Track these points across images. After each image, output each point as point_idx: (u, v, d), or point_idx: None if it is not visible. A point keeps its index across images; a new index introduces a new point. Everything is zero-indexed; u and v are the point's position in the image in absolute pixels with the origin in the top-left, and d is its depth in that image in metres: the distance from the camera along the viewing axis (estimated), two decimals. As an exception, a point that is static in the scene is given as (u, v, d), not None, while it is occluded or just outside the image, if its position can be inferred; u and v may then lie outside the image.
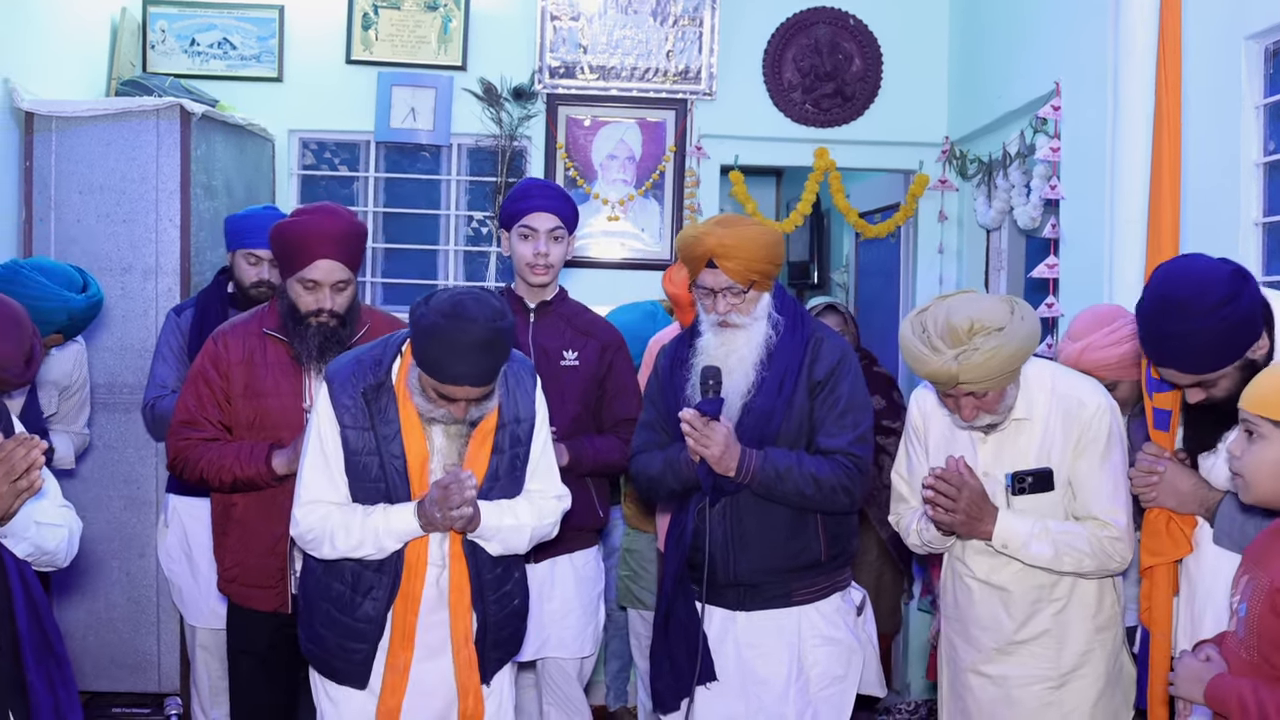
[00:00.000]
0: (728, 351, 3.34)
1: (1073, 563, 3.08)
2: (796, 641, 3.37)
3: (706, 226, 3.34)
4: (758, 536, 3.34)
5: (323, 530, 3.07)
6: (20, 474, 2.48)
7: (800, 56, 6.32)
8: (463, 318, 2.85)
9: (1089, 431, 3.12)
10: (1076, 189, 4.64)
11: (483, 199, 6.43)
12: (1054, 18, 4.94)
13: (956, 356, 2.95)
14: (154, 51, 6.16)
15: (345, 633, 3.13)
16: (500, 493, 3.15)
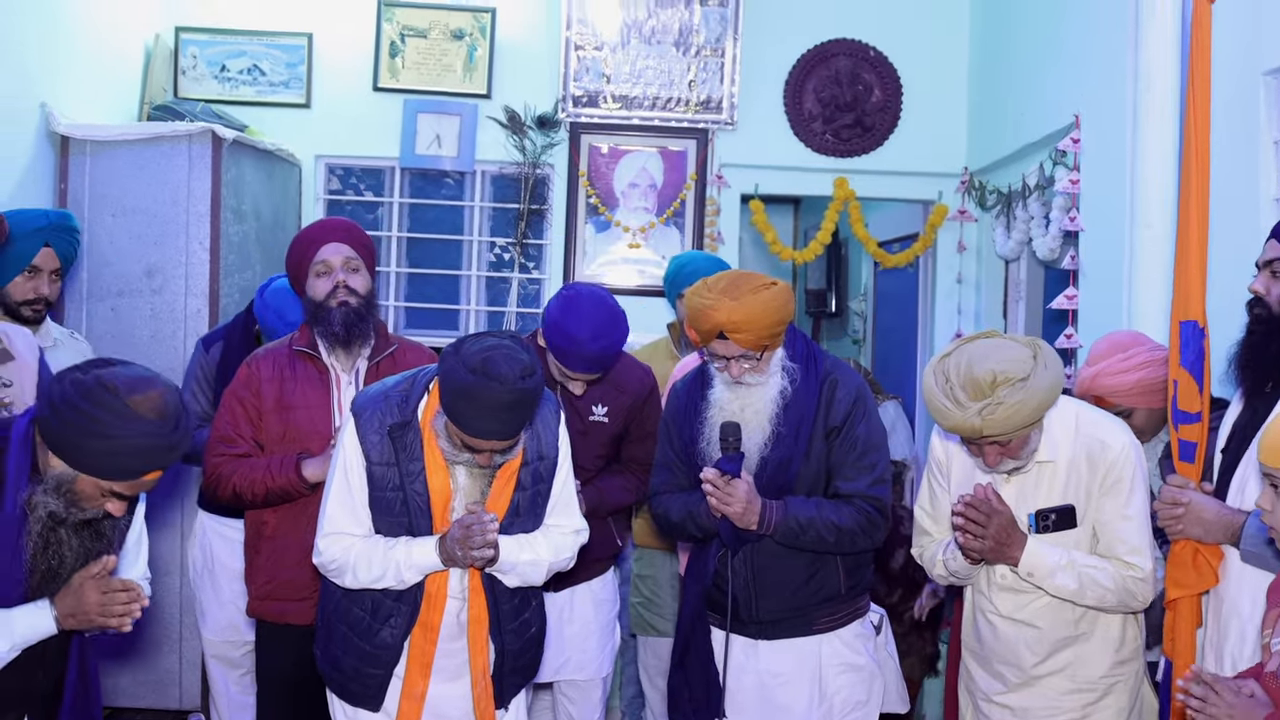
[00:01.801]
0: (743, 406, 3.35)
1: (1095, 597, 3.09)
2: (818, 669, 3.41)
3: (714, 298, 3.26)
4: (778, 579, 3.39)
5: (345, 561, 3.11)
6: (115, 616, 2.65)
7: (821, 87, 6.40)
8: (491, 376, 2.86)
9: (1113, 473, 3.11)
10: (1096, 221, 4.69)
11: (506, 225, 6.50)
12: (1073, 51, 5.00)
13: (980, 411, 2.93)
14: (185, 77, 6.26)
15: (362, 657, 3.18)
16: (520, 528, 3.18)
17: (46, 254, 4.05)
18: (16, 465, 2.59)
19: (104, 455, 2.51)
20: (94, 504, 2.60)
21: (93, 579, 2.66)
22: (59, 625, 2.65)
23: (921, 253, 6.57)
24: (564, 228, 6.40)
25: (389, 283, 6.47)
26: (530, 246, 6.42)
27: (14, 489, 2.57)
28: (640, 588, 4.72)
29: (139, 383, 2.54)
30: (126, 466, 2.55)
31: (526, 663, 3.33)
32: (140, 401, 2.50)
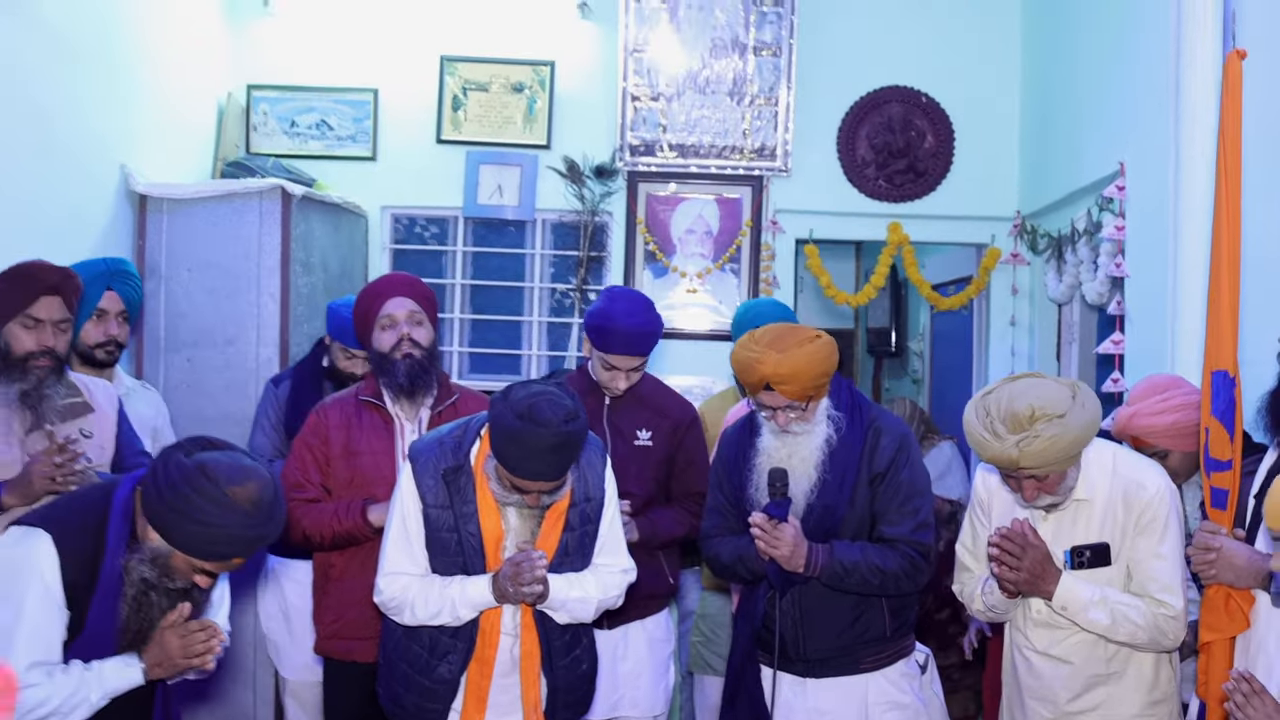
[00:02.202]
0: (790, 453, 3.48)
1: (1127, 634, 3.18)
2: (864, 707, 3.51)
3: (760, 350, 3.39)
4: (824, 620, 3.50)
5: (404, 599, 3.26)
6: (197, 655, 2.82)
7: (873, 134, 6.52)
8: (537, 422, 3.01)
9: (1148, 513, 3.22)
10: (1141, 267, 4.76)
11: (566, 272, 6.67)
12: (1118, 100, 5.09)
13: (1018, 443, 3.07)
14: (256, 133, 6.49)
15: (422, 693, 3.31)
16: (569, 566, 3.32)
17: (110, 297, 4.25)
18: (116, 533, 2.76)
19: (200, 539, 2.69)
20: (184, 577, 2.78)
21: (170, 628, 2.83)
22: (146, 677, 2.81)
23: (975, 295, 6.64)
24: (622, 273, 6.56)
25: (453, 328, 6.64)
26: (590, 292, 6.56)
27: (113, 555, 2.74)
28: (701, 626, 4.87)
29: (238, 473, 2.69)
30: (219, 552, 2.73)
31: (578, 698, 3.45)
32: (238, 492, 2.66)
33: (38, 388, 3.50)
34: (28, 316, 3.49)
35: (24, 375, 3.48)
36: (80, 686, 2.72)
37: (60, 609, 2.74)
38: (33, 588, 2.71)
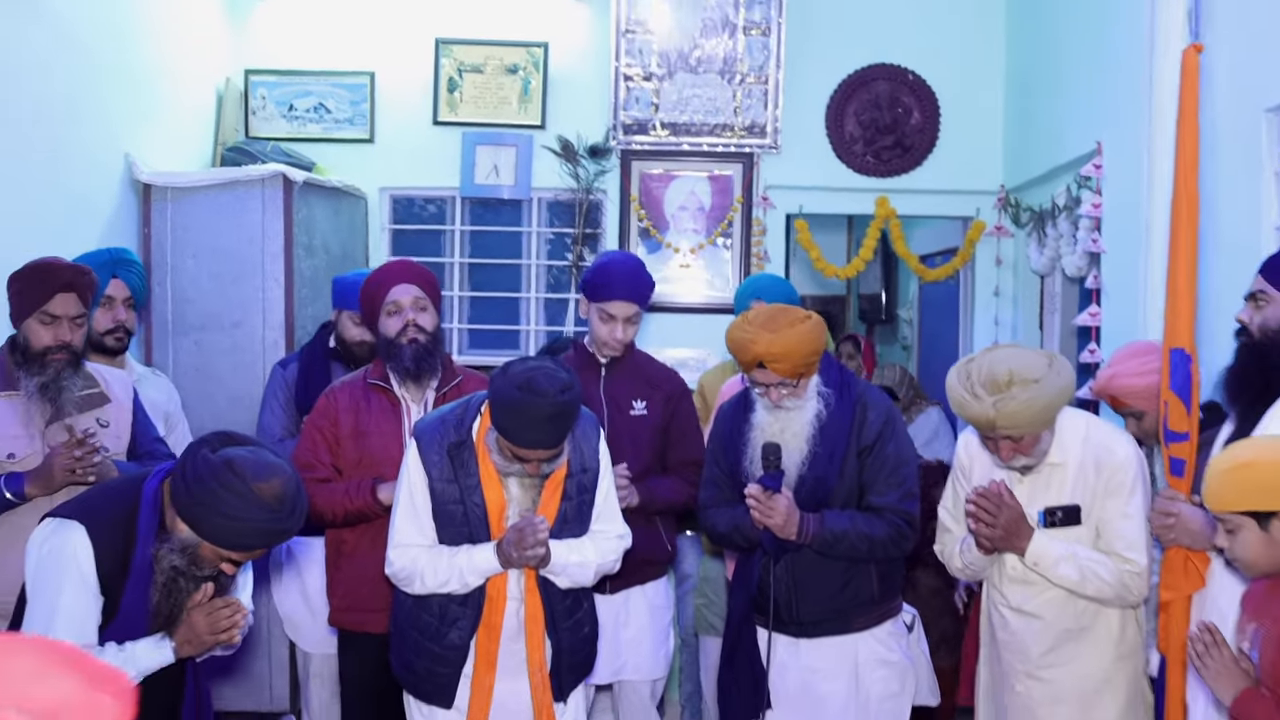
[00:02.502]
0: (783, 428, 3.67)
1: (1095, 589, 3.40)
2: (854, 665, 3.71)
3: (754, 331, 3.57)
4: (816, 585, 3.69)
5: (414, 569, 3.44)
6: (224, 631, 2.98)
7: (861, 110, 6.67)
8: (535, 392, 3.20)
9: (1116, 476, 3.44)
10: (1117, 243, 4.93)
11: (562, 249, 6.83)
12: (1097, 82, 5.24)
13: (995, 404, 3.30)
14: (255, 117, 6.63)
15: (433, 659, 3.50)
16: (568, 534, 3.50)
17: (116, 284, 4.43)
18: (146, 524, 2.92)
19: (227, 532, 2.85)
20: (211, 565, 2.94)
21: (197, 608, 3.00)
22: (176, 655, 2.99)
23: (960, 267, 6.81)
24: (617, 249, 6.69)
25: (452, 306, 6.80)
26: (586, 268, 6.70)
27: (144, 544, 2.91)
28: (705, 590, 5.11)
29: (264, 469, 2.85)
30: (245, 543, 2.89)
31: (581, 659, 3.63)
32: (264, 488, 2.82)
33: (56, 380, 3.67)
34: (45, 313, 3.65)
35: (43, 369, 3.66)
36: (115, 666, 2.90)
37: (95, 596, 2.91)
38: (69, 576, 2.88)
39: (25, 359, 3.65)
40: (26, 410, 3.67)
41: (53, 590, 2.88)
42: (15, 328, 3.72)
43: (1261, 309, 3.15)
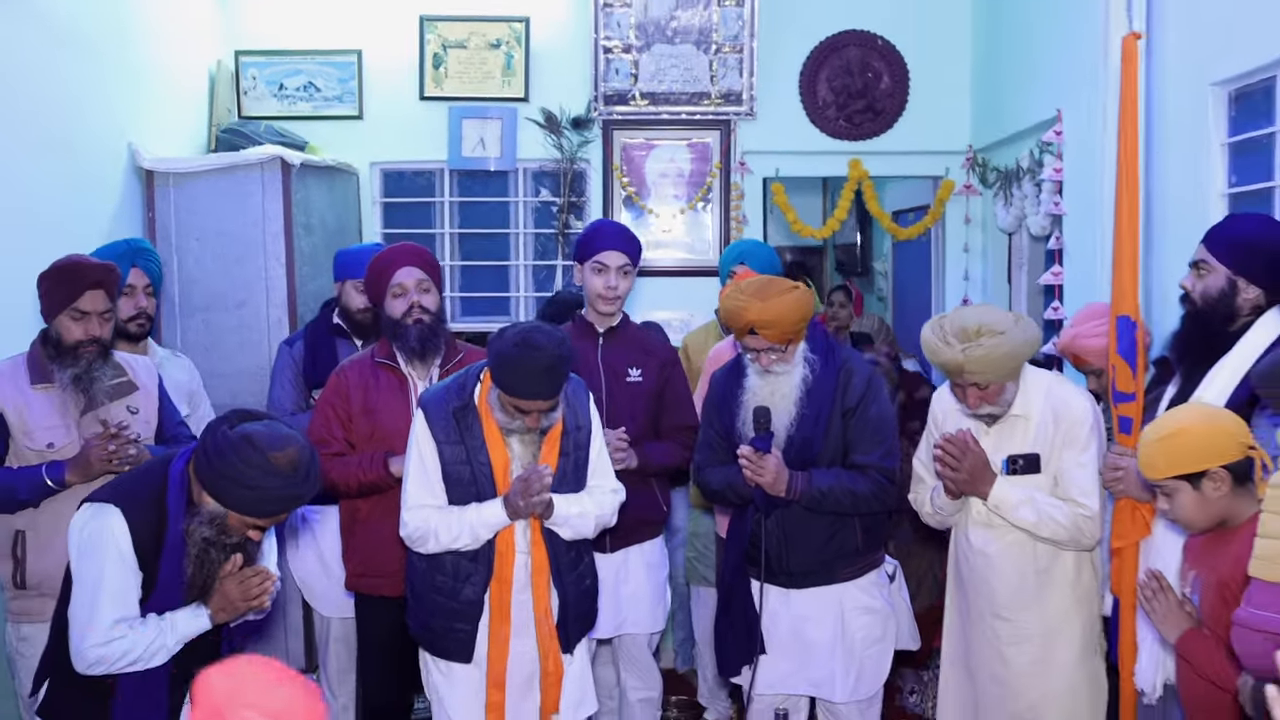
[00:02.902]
0: (772, 391, 3.95)
1: (1050, 531, 3.69)
2: (840, 612, 4.00)
3: (746, 299, 3.85)
4: (804, 538, 3.97)
5: (427, 529, 3.70)
6: (255, 597, 3.24)
7: (833, 76, 6.91)
8: (532, 347, 3.50)
9: (1074, 429, 3.74)
10: (1076, 206, 5.20)
11: (548, 217, 7.08)
12: (1057, 50, 5.50)
13: (964, 349, 3.62)
14: (247, 97, 6.83)
15: (451, 615, 3.76)
16: (568, 488, 3.77)
17: (136, 273, 4.65)
18: (175, 501, 3.18)
19: (250, 500, 3.11)
20: (239, 533, 3.20)
21: (228, 577, 3.26)
22: (212, 622, 3.25)
23: (931, 225, 7.08)
24: (601, 216, 6.95)
25: (445, 275, 7.02)
26: (571, 235, 6.95)
27: (175, 520, 3.17)
28: (695, 544, 5.43)
29: (279, 440, 3.10)
30: (268, 509, 3.15)
31: (585, 612, 3.91)
32: (279, 458, 3.07)
33: (88, 371, 3.93)
34: (76, 310, 3.90)
35: (75, 361, 3.91)
36: (158, 635, 3.16)
37: (134, 571, 3.16)
38: (109, 555, 3.13)
39: (58, 352, 3.90)
40: (62, 401, 3.93)
41: (95, 569, 3.13)
42: (47, 323, 3.95)
43: (1203, 277, 3.43)
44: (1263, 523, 2.62)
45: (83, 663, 3.12)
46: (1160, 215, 4.52)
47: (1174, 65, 4.41)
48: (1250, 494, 2.90)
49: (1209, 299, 3.41)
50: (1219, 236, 3.45)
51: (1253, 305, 3.37)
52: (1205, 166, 4.29)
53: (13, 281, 4.42)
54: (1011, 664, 3.79)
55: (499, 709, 3.70)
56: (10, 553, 3.94)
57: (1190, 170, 4.34)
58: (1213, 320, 3.40)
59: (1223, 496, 2.92)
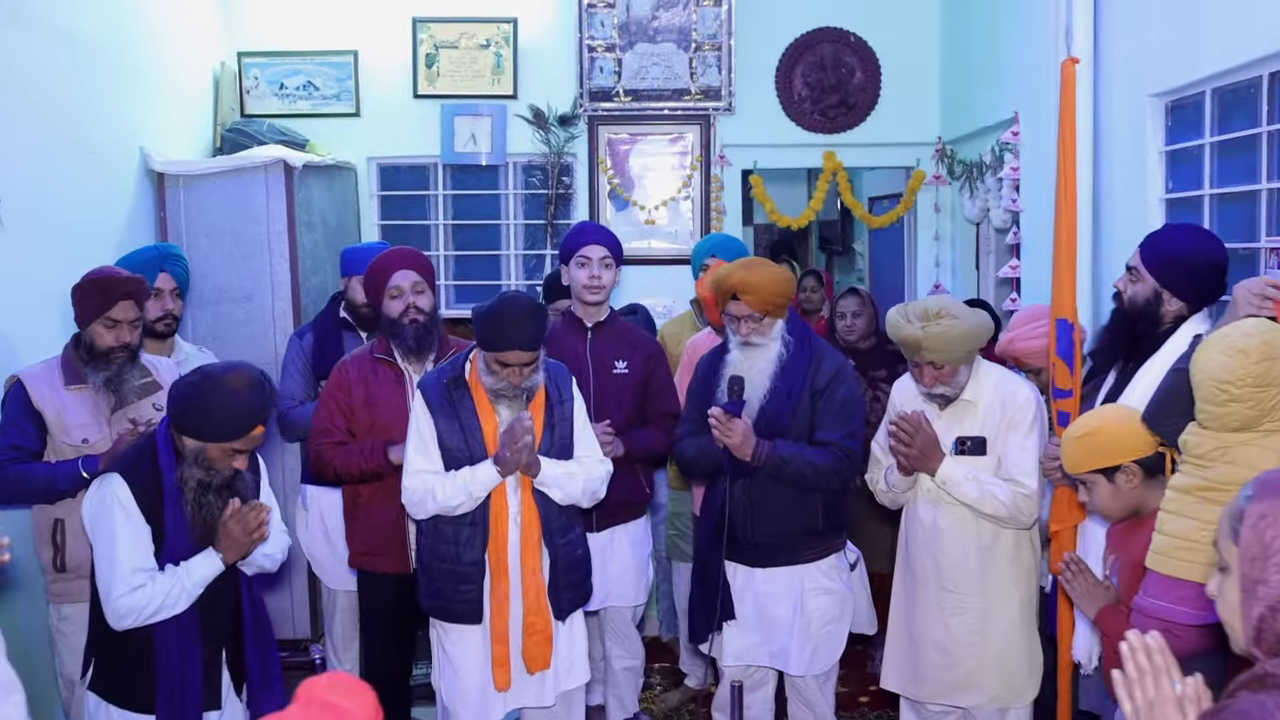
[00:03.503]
0: (749, 364, 4.29)
1: (991, 508, 4.03)
2: (800, 591, 4.33)
3: (733, 268, 4.27)
4: (768, 508, 4.29)
5: (425, 490, 4.04)
6: (255, 529, 3.58)
7: (808, 72, 7.23)
8: (507, 301, 3.93)
9: (1018, 415, 4.08)
10: (1032, 203, 5.53)
11: (537, 209, 7.41)
12: (1014, 54, 5.82)
13: (922, 328, 3.98)
14: (249, 96, 7.14)
15: (458, 579, 4.08)
16: (556, 456, 4.12)
17: (164, 277, 5.01)
18: (165, 453, 3.56)
19: (219, 425, 3.49)
20: (224, 464, 3.56)
21: (229, 518, 3.59)
22: (224, 562, 3.60)
23: (903, 214, 7.42)
24: (588, 208, 7.30)
25: (438, 265, 7.35)
26: (559, 226, 7.29)
27: (168, 470, 3.54)
28: (675, 522, 5.78)
29: (228, 368, 3.56)
30: (237, 426, 3.52)
31: (577, 580, 4.22)
32: (233, 379, 3.49)
33: (118, 374, 4.29)
34: (108, 318, 4.25)
35: (107, 365, 4.27)
36: (176, 581, 3.51)
37: (142, 523, 3.53)
38: (117, 514, 3.50)
39: (91, 357, 4.25)
40: (95, 401, 4.29)
41: (107, 530, 3.51)
42: (80, 329, 4.30)
43: (1134, 283, 3.75)
44: (1160, 520, 2.98)
45: (115, 617, 3.48)
46: (1108, 217, 4.85)
47: (1119, 79, 4.74)
48: (1161, 486, 3.22)
49: (1136, 306, 3.71)
50: (1152, 248, 3.72)
51: (1175, 315, 3.66)
52: (1145, 173, 4.61)
53: (37, 282, 4.77)
54: (953, 632, 4.12)
55: (504, 662, 4.03)
56: (50, 539, 4.31)
57: (1133, 176, 4.67)
58: (1137, 324, 3.72)
59: (1135, 488, 3.29)
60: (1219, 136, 4.30)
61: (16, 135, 4.85)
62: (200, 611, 3.58)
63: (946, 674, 4.15)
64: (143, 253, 5.02)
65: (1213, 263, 3.64)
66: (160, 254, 5.04)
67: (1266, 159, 4.03)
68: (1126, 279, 3.78)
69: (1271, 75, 3.95)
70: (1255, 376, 2.79)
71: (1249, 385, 2.79)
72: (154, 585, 3.48)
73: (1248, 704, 1.73)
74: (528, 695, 4.12)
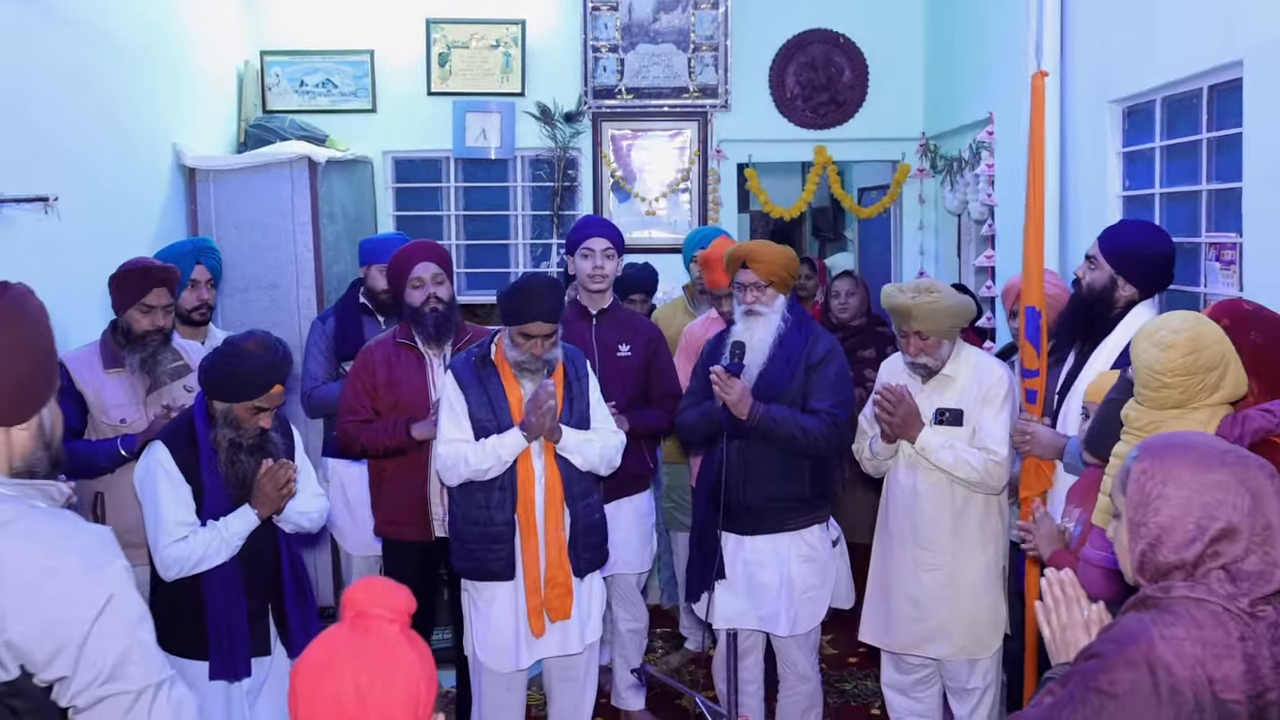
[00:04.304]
0: (751, 332, 4.64)
1: (964, 473, 4.40)
2: (786, 558, 4.69)
3: (745, 243, 4.72)
4: (761, 471, 4.65)
5: (458, 456, 4.40)
6: (284, 484, 3.98)
7: (799, 71, 7.66)
8: (529, 278, 4.38)
9: (992, 390, 4.45)
10: (1005, 198, 5.95)
11: (544, 200, 7.84)
12: (989, 58, 6.24)
13: (912, 298, 4.36)
14: (271, 93, 7.56)
15: (491, 539, 4.43)
16: (575, 427, 4.50)
17: (199, 269, 5.39)
18: (200, 419, 3.97)
19: (241, 384, 3.89)
20: (251, 423, 3.96)
21: (262, 474, 3.99)
22: (259, 516, 3.99)
23: (889, 205, 7.84)
24: (591, 200, 7.74)
25: (450, 253, 7.75)
26: (565, 217, 7.72)
27: (203, 434, 3.94)
28: (671, 495, 6.17)
29: (245, 336, 3.96)
30: (257, 384, 3.90)
31: (595, 543, 4.52)
32: (249, 344, 3.90)
33: (153, 356, 4.65)
34: (143, 304, 4.61)
35: (143, 348, 4.63)
36: (216, 534, 3.90)
37: (182, 483, 3.92)
38: (160, 478, 3.91)
39: (128, 340, 4.62)
40: (131, 383, 4.65)
41: (153, 491, 3.91)
42: (118, 316, 4.68)
43: (1092, 270, 4.12)
44: (1104, 483, 3.36)
45: (163, 568, 3.87)
46: (1074, 211, 5.26)
47: (1083, 85, 5.15)
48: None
49: (1093, 291, 4.09)
50: (1110, 239, 4.09)
51: (1127, 300, 4.03)
52: (1105, 173, 5.04)
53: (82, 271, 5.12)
54: (925, 587, 4.49)
55: (538, 611, 4.42)
56: (91, 511, 4.68)
57: (1094, 175, 5.09)
58: (1094, 308, 4.10)
59: None
60: (1167, 141, 4.71)
61: (66, 134, 5.24)
62: (243, 565, 3.96)
63: (918, 626, 4.53)
64: (180, 246, 5.41)
65: (1162, 255, 4.02)
66: (196, 247, 5.43)
67: (1206, 163, 4.44)
68: (1086, 266, 4.15)
69: (1211, 88, 4.36)
70: (1183, 367, 3.17)
71: (1178, 374, 3.17)
72: (196, 538, 3.87)
73: (1131, 620, 2.15)
74: (552, 645, 4.50)
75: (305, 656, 2.01)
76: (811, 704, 4.85)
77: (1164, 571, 2.17)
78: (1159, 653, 2.04)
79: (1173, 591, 2.13)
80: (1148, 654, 2.05)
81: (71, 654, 2.08)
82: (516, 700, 4.61)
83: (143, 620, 2.21)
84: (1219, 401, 3.21)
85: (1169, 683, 2.02)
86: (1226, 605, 2.06)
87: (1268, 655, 2.02)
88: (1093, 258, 4.11)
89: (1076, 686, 2.14)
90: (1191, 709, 2.01)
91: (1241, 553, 2.11)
